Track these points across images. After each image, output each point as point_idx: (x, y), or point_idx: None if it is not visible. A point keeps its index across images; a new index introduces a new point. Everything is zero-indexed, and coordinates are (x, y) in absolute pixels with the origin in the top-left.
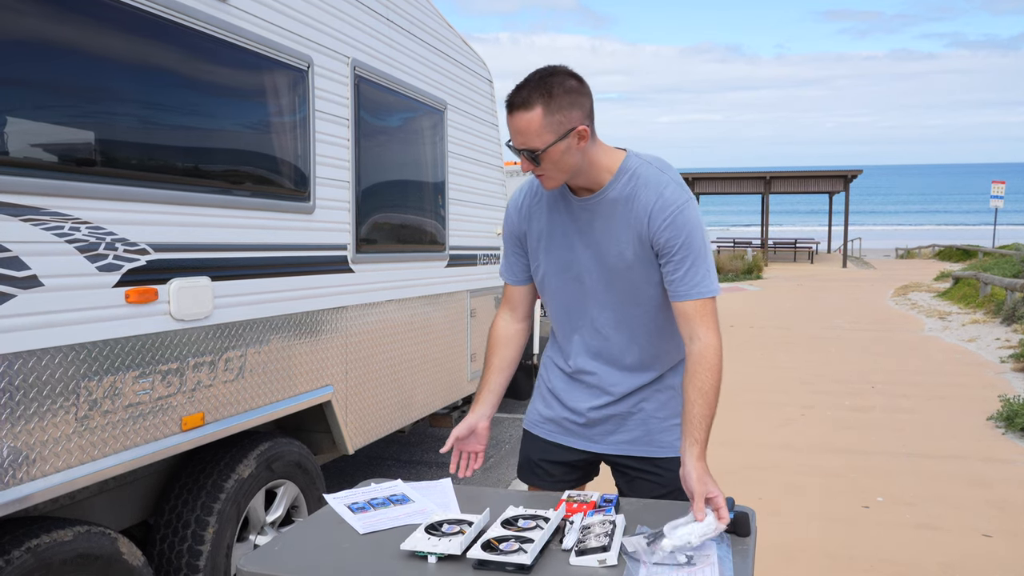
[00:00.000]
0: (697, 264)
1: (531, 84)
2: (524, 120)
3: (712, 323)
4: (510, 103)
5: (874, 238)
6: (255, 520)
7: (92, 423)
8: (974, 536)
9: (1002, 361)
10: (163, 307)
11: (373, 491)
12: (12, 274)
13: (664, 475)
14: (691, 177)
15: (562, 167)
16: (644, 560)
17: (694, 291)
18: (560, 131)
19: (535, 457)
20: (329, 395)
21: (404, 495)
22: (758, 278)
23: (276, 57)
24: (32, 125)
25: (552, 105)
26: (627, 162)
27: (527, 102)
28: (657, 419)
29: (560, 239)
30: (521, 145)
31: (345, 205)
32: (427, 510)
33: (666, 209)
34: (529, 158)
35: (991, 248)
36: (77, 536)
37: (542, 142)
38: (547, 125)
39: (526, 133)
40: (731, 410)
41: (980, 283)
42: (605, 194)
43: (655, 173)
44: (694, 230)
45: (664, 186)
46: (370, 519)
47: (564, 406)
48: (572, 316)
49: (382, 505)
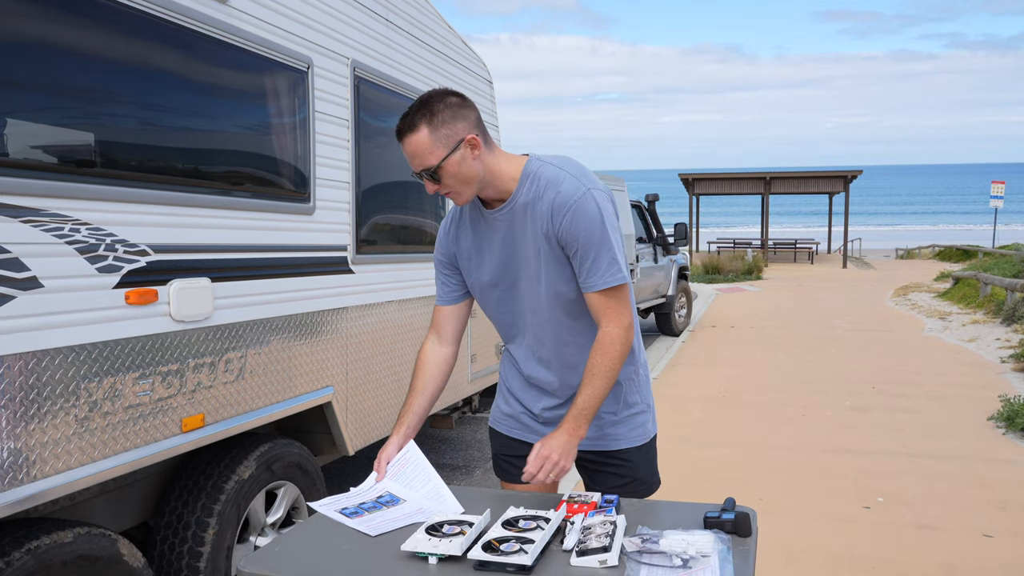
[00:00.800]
0: (600, 255)
1: (413, 110)
2: (414, 142)
3: (615, 314)
4: (398, 132)
5: (874, 238)
6: (255, 521)
7: (92, 424)
8: (975, 536)
9: (1002, 361)
10: (163, 308)
11: (358, 495)
12: (12, 275)
13: (623, 465)
14: (691, 177)
15: (463, 179)
16: (644, 561)
17: (600, 282)
18: (449, 144)
19: (500, 452)
20: (329, 396)
21: (391, 495)
22: (758, 279)
23: (276, 58)
24: (32, 126)
25: (435, 121)
26: (528, 166)
27: (412, 125)
28: (609, 414)
29: (487, 253)
30: (418, 167)
31: (345, 206)
32: (425, 508)
33: (564, 204)
34: (429, 177)
35: (991, 248)
36: (77, 537)
37: (435, 158)
38: (435, 141)
39: (419, 154)
40: (731, 410)
41: (980, 283)
42: (515, 201)
43: (554, 171)
44: (593, 221)
45: (561, 182)
46: (373, 521)
47: (521, 405)
48: (515, 325)
49: (375, 508)
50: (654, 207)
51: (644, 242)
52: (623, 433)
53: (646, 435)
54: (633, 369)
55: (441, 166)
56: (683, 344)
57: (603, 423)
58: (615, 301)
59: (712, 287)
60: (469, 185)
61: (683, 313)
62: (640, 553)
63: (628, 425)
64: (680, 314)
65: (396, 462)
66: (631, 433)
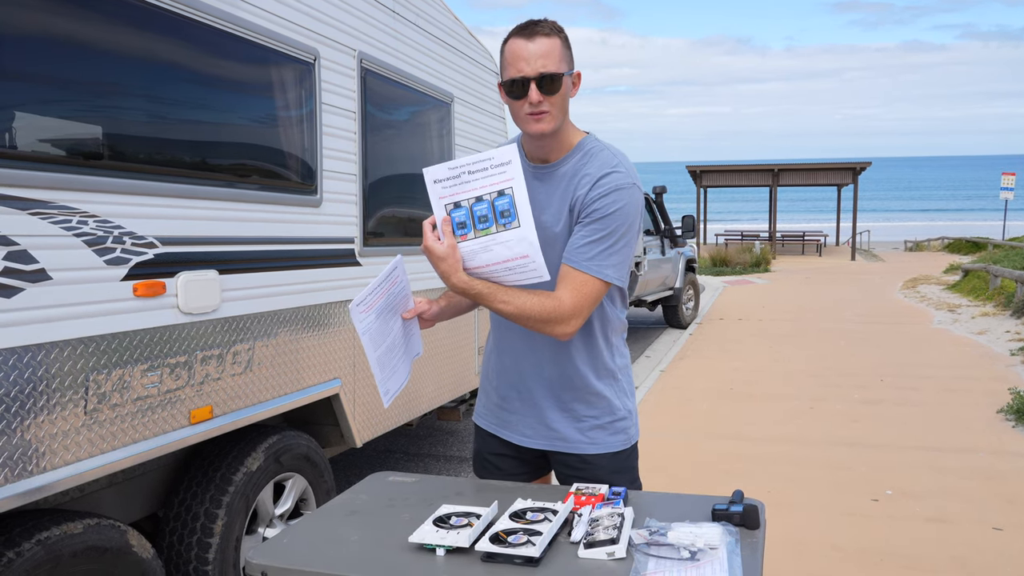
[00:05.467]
0: (604, 240)
1: (546, 21)
2: (548, 44)
3: (574, 295)
4: (530, 31)
5: (883, 231)
6: (264, 513)
7: (101, 416)
8: (984, 529)
9: (1012, 354)
10: (171, 300)
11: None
12: (21, 268)
13: (600, 470)
14: (699, 170)
15: (562, 107)
16: (652, 553)
17: (583, 261)
18: (570, 67)
19: (483, 451)
20: (337, 388)
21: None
22: (766, 271)
23: (283, 50)
24: (40, 119)
25: (566, 42)
26: (585, 141)
27: (550, 30)
28: (590, 417)
29: None
30: (541, 69)
31: (352, 198)
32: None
33: (611, 182)
34: (547, 83)
35: (1001, 240)
36: (87, 528)
37: (561, 68)
38: (564, 56)
39: (549, 56)
40: (739, 403)
41: (990, 276)
42: (557, 168)
43: (609, 156)
44: (625, 212)
45: (614, 166)
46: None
47: (496, 393)
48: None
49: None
50: (662, 199)
51: (652, 234)
52: (602, 438)
53: (627, 441)
54: (612, 377)
55: (562, 78)
56: (691, 337)
57: (583, 427)
58: (579, 285)
59: (720, 280)
60: (563, 113)
61: (691, 306)
62: (648, 545)
63: (609, 431)
64: (688, 307)
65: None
66: (611, 438)
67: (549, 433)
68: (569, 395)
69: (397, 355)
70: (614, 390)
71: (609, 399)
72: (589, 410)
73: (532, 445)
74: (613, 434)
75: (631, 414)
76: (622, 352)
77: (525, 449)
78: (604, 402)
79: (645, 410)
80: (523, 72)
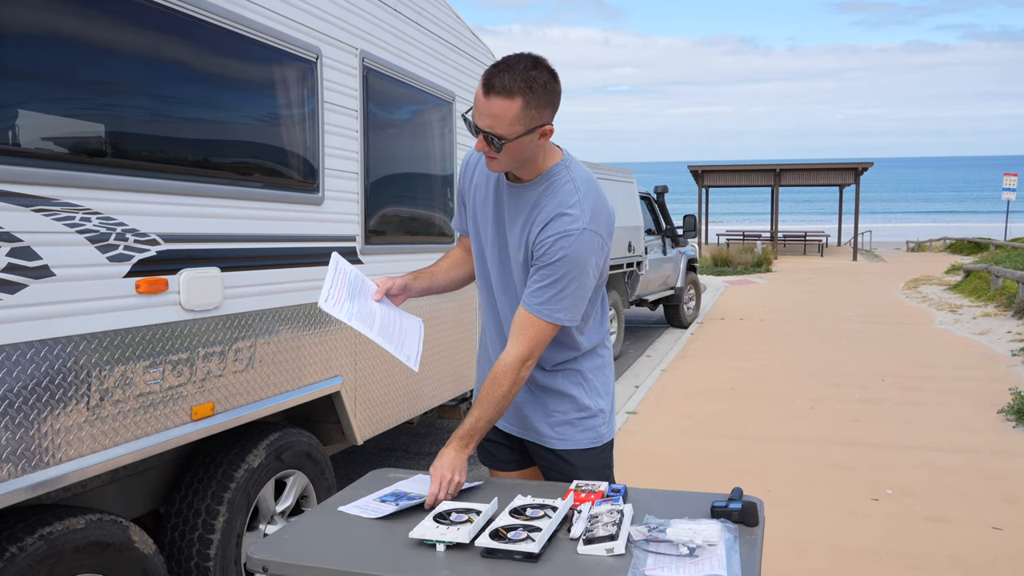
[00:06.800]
0: (552, 286)
1: (516, 73)
2: (500, 106)
3: (524, 341)
4: (490, 85)
5: (885, 231)
6: (265, 510)
7: (103, 412)
8: (984, 529)
9: (1013, 354)
10: (173, 297)
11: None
12: (24, 264)
13: (568, 466)
14: (701, 169)
15: (516, 158)
16: (651, 549)
17: (535, 305)
18: (529, 126)
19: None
20: (338, 386)
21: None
22: (767, 271)
23: (285, 48)
24: (43, 117)
25: (531, 100)
26: (554, 169)
27: (509, 90)
28: (559, 413)
29: (491, 214)
30: (488, 128)
31: (354, 196)
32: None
33: (559, 227)
34: (491, 143)
35: (1003, 241)
36: (89, 524)
37: (511, 132)
38: (520, 118)
39: (499, 119)
40: (740, 402)
41: (992, 276)
42: (524, 190)
43: (570, 191)
44: (571, 260)
45: (570, 207)
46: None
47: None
48: (488, 291)
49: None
50: (663, 199)
51: (653, 234)
52: (571, 434)
53: (597, 439)
54: (581, 377)
55: (509, 142)
56: (692, 336)
57: (553, 421)
58: (530, 329)
59: (721, 279)
60: (514, 163)
61: (692, 305)
62: (647, 541)
63: (578, 427)
64: (689, 306)
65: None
66: (580, 435)
67: (525, 423)
68: (539, 390)
69: (395, 326)
70: (583, 389)
71: (576, 397)
72: (558, 404)
73: (512, 432)
74: (582, 431)
75: (603, 413)
76: (599, 353)
77: (513, 438)
78: (570, 400)
79: (646, 409)
80: (479, 122)
